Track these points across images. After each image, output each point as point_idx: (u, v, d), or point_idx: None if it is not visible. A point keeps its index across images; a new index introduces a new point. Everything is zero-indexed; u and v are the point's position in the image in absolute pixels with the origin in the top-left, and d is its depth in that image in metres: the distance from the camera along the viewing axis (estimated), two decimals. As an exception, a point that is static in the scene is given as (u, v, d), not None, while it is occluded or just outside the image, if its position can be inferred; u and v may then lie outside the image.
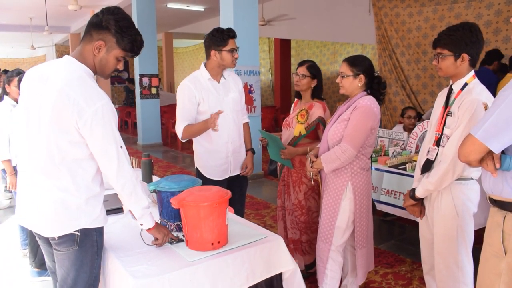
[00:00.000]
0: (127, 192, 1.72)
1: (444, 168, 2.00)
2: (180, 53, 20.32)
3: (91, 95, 1.59)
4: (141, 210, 1.76)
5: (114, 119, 1.65)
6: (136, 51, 1.73)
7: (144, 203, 1.77)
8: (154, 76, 9.47)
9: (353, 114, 2.39)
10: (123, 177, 1.69)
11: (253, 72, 6.27)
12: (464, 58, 2.00)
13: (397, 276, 3.13)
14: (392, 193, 3.40)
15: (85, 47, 1.67)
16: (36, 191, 1.68)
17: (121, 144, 1.68)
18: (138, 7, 8.97)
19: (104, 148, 1.64)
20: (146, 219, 1.79)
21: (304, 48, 13.62)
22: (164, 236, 1.86)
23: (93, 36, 1.65)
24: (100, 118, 1.58)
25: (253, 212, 4.79)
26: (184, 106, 2.69)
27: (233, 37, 2.69)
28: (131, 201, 1.75)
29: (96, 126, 1.58)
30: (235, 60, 2.72)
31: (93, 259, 1.78)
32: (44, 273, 3.13)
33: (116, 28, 1.63)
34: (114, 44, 1.66)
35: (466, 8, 6.27)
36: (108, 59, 1.69)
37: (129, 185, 1.71)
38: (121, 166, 1.67)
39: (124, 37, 1.66)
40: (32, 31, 12.47)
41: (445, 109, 2.08)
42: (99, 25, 1.64)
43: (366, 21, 7.85)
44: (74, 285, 1.77)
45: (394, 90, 7.33)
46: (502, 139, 1.37)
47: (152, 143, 9.61)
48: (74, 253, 1.72)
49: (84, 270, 1.76)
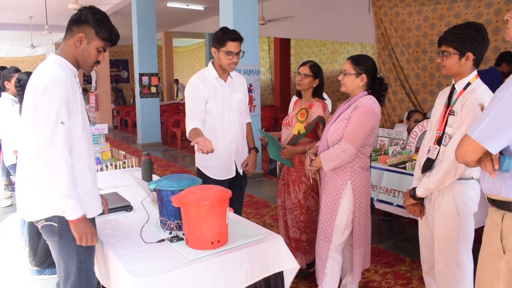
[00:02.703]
0: (48, 170, 1.68)
1: (446, 167, 2.00)
2: (179, 52, 20.32)
3: (47, 72, 1.71)
4: (57, 196, 1.70)
5: (65, 94, 1.69)
6: (113, 40, 1.86)
7: (61, 190, 1.68)
8: (153, 75, 9.46)
9: (353, 113, 2.39)
10: (51, 152, 1.66)
11: (253, 71, 6.27)
12: (468, 57, 2.00)
13: (396, 276, 3.13)
14: (391, 191, 3.41)
15: (66, 42, 1.81)
16: (20, 177, 1.81)
17: (62, 120, 1.67)
18: (138, 6, 8.97)
19: (43, 118, 1.67)
20: (67, 208, 1.71)
21: (304, 48, 13.63)
22: (81, 236, 1.75)
23: (74, 31, 1.80)
24: (50, 89, 1.66)
25: (252, 211, 4.80)
26: (192, 103, 2.67)
27: (233, 40, 2.61)
28: (50, 182, 1.69)
29: (42, 96, 1.67)
30: (232, 64, 2.65)
31: (79, 252, 1.81)
32: (43, 271, 3.13)
33: (94, 20, 1.78)
34: (93, 35, 1.80)
35: (465, 7, 6.27)
36: (90, 50, 1.81)
37: (53, 164, 1.67)
38: (52, 140, 1.66)
39: (102, 27, 1.80)
40: (32, 30, 12.45)
41: (446, 108, 2.08)
42: (78, 20, 1.79)
43: (365, 20, 7.85)
44: (66, 276, 1.85)
45: (393, 89, 7.34)
46: (499, 139, 1.36)
47: (151, 142, 9.61)
48: (58, 244, 1.81)
49: (72, 262, 1.82)
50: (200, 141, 2.32)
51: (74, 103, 1.75)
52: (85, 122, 1.86)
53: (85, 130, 1.83)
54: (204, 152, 2.30)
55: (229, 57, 2.62)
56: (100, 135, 3.85)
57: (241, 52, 2.67)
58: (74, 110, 1.75)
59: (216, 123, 2.72)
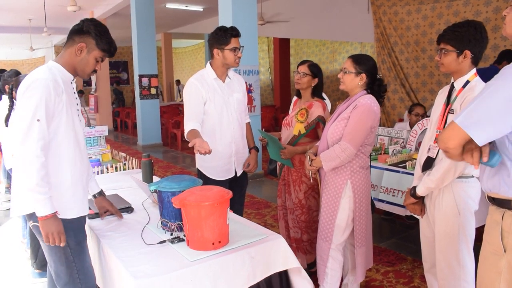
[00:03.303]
0: (19, 164, 1.72)
1: (446, 166, 2.00)
2: (179, 53, 20.32)
3: (32, 74, 1.78)
4: (26, 191, 1.72)
5: (45, 93, 1.72)
6: (112, 52, 1.96)
7: (30, 185, 1.70)
8: (153, 76, 9.47)
9: (353, 112, 2.39)
10: (23, 147, 1.70)
11: (253, 71, 6.28)
12: (466, 55, 2.01)
13: (398, 274, 3.13)
14: (391, 191, 3.40)
15: (67, 50, 1.90)
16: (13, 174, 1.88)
17: (39, 118, 1.71)
18: (137, 8, 8.97)
19: (21, 114, 1.72)
20: (35, 204, 1.73)
21: (303, 47, 13.63)
22: (47, 234, 1.75)
23: (75, 40, 1.89)
24: (31, 89, 1.72)
25: (253, 211, 4.80)
26: (190, 104, 2.69)
27: (236, 36, 2.67)
28: (21, 177, 1.73)
29: (23, 95, 1.74)
30: (238, 59, 2.70)
31: (66, 252, 1.84)
32: (45, 274, 3.12)
33: (95, 31, 1.88)
34: (94, 46, 1.89)
35: (464, 6, 6.27)
36: (89, 59, 1.91)
37: (24, 158, 1.69)
38: (26, 136, 1.70)
39: (103, 39, 1.90)
40: (31, 33, 12.46)
41: (446, 107, 2.08)
42: (80, 31, 1.88)
43: (364, 19, 7.85)
44: (57, 277, 1.90)
45: (393, 88, 7.34)
46: (484, 128, 1.30)
47: (152, 144, 9.61)
48: (46, 245, 1.84)
49: (61, 262, 1.86)
50: (197, 142, 2.33)
51: (59, 104, 1.79)
52: (74, 124, 1.89)
53: (72, 130, 1.87)
54: (202, 153, 2.31)
55: (235, 53, 2.67)
56: (100, 137, 3.85)
57: (241, 47, 2.72)
58: (58, 111, 1.79)
59: (215, 124, 2.73)
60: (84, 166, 1.98)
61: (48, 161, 1.77)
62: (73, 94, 1.92)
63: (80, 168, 1.93)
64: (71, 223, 1.87)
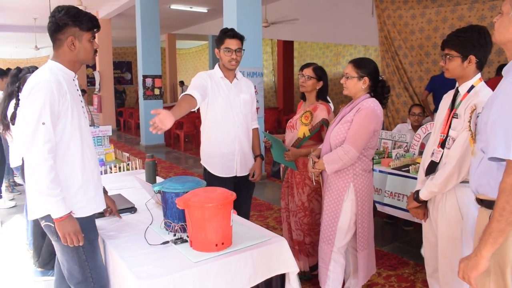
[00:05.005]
0: (28, 169, 1.71)
1: (449, 170, 2.00)
2: (183, 54, 20.35)
3: (34, 76, 1.77)
4: (38, 195, 1.73)
5: (48, 96, 1.71)
6: (96, 25, 1.90)
7: (41, 189, 1.70)
8: (157, 77, 9.49)
9: (356, 115, 2.39)
10: (31, 151, 1.69)
11: (256, 73, 6.28)
12: (471, 60, 2.01)
13: (400, 278, 3.12)
14: (396, 195, 3.40)
15: (59, 50, 1.85)
16: None
17: (44, 121, 1.70)
18: (141, 8, 9.00)
19: (26, 118, 1.72)
20: (49, 207, 1.74)
21: (307, 50, 13.63)
22: (64, 235, 1.76)
23: (61, 39, 1.83)
24: (34, 92, 1.71)
25: (256, 213, 4.80)
26: (196, 81, 2.68)
27: (231, 37, 2.69)
28: (31, 181, 1.72)
29: (27, 98, 1.73)
30: (233, 61, 2.70)
31: (79, 251, 1.84)
32: (47, 272, 3.14)
33: (71, 19, 1.81)
34: (79, 32, 1.84)
35: (469, 10, 6.26)
36: (84, 46, 1.87)
37: (32, 163, 1.70)
38: (33, 140, 1.69)
39: (82, 21, 1.83)
40: (36, 32, 12.50)
41: (450, 111, 2.09)
42: (58, 28, 1.82)
43: (369, 23, 7.85)
44: (70, 276, 1.90)
45: (397, 92, 7.32)
46: None
47: (155, 144, 9.63)
48: (59, 244, 1.85)
49: (74, 261, 1.85)
50: (162, 114, 2.03)
51: (63, 105, 1.78)
52: (81, 123, 1.88)
53: (79, 130, 1.86)
54: (153, 130, 2.06)
55: (228, 54, 2.68)
56: (104, 137, 3.86)
57: (242, 50, 2.74)
58: (63, 111, 1.78)
59: (217, 120, 2.76)
60: (94, 163, 1.96)
61: (57, 163, 1.77)
62: (76, 91, 1.90)
63: (90, 166, 1.91)
64: (83, 223, 1.85)
